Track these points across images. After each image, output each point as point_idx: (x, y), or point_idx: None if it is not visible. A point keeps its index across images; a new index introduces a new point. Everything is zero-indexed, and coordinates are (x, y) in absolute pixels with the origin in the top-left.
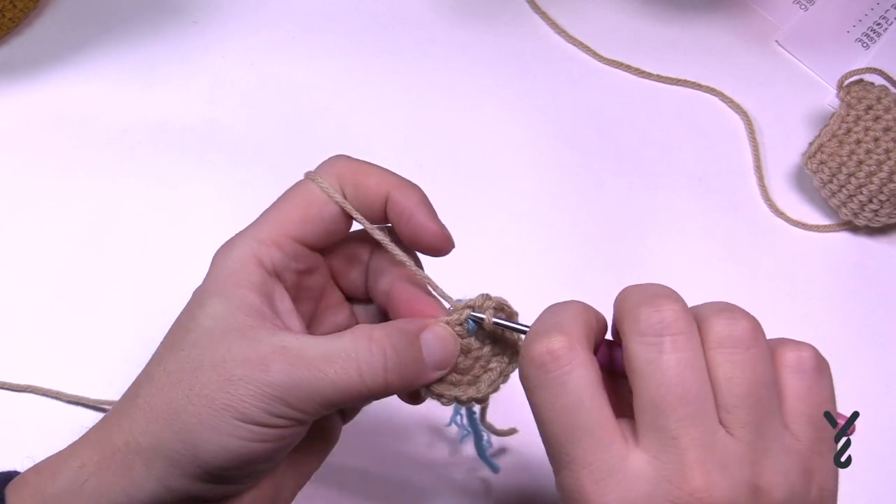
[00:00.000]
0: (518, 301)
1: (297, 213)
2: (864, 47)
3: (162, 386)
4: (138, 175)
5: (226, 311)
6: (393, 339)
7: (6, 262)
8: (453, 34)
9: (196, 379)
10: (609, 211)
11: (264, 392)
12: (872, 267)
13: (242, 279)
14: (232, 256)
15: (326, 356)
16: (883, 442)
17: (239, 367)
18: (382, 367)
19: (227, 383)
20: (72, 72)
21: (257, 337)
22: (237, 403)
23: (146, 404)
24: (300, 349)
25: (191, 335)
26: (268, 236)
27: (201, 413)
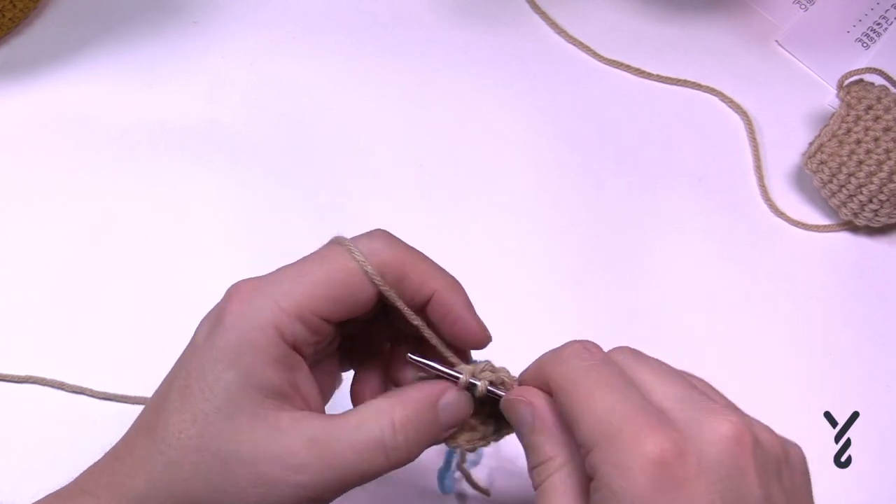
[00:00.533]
0: (518, 301)
1: (329, 291)
2: (864, 47)
3: (185, 476)
4: (138, 175)
5: (246, 392)
6: (414, 417)
7: (6, 261)
8: (453, 34)
9: (224, 476)
10: (609, 211)
11: (298, 494)
12: (872, 267)
13: (264, 354)
14: (251, 323)
15: (354, 447)
16: (883, 442)
17: (272, 467)
18: (406, 448)
19: (261, 484)
20: (72, 72)
21: (282, 426)
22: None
23: (166, 492)
24: (328, 441)
25: (210, 418)
26: (293, 307)
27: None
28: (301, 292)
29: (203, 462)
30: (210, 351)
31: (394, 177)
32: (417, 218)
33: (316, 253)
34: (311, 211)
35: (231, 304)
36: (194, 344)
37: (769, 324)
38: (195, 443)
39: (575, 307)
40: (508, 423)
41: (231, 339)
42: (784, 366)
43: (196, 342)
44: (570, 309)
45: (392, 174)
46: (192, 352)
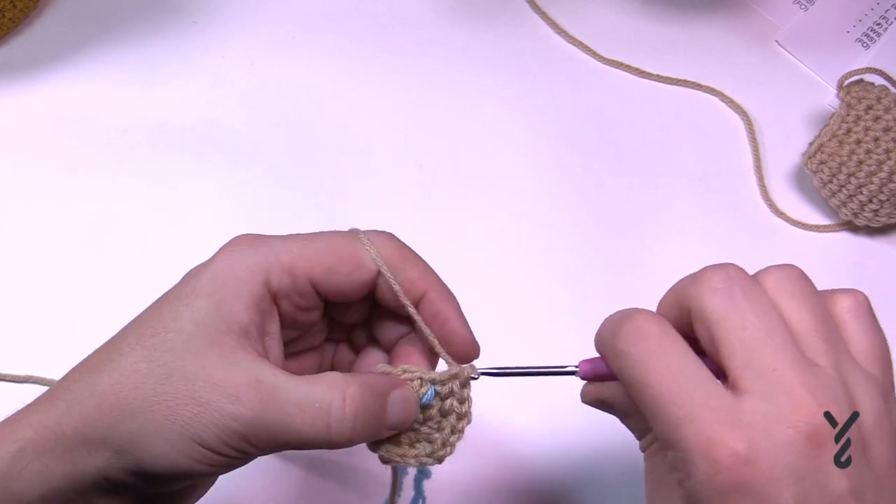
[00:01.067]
0: (518, 301)
1: (328, 258)
2: (864, 47)
3: (125, 382)
4: (138, 175)
5: (211, 320)
6: (366, 398)
7: (6, 261)
8: (453, 34)
9: (163, 387)
10: (609, 211)
11: (228, 424)
12: (872, 267)
13: (243, 289)
14: (242, 259)
15: (298, 403)
16: None
17: (210, 391)
18: (351, 426)
19: (195, 403)
20: (72, 72)
21: (235, 360)
22: (198, 426)
23: (103, 394)
24: (274, 388)
25: (168, 335)
26: (288, 260)
27: (159, 422)
28: (300, 251)
29: (148, 372)
30: (190, 282)
31: (394, 177)
32: (417, 217)
33: (326, 231)
34: (311, 211)
35: (230, 244)
36: (182, 279)
37: None
38: (147, 353)
39: (575, 307)
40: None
41: (216, 269)
42: None
43: (184, 279)
44: (569, 308)
45: (392, 174)
46: (176, 284)
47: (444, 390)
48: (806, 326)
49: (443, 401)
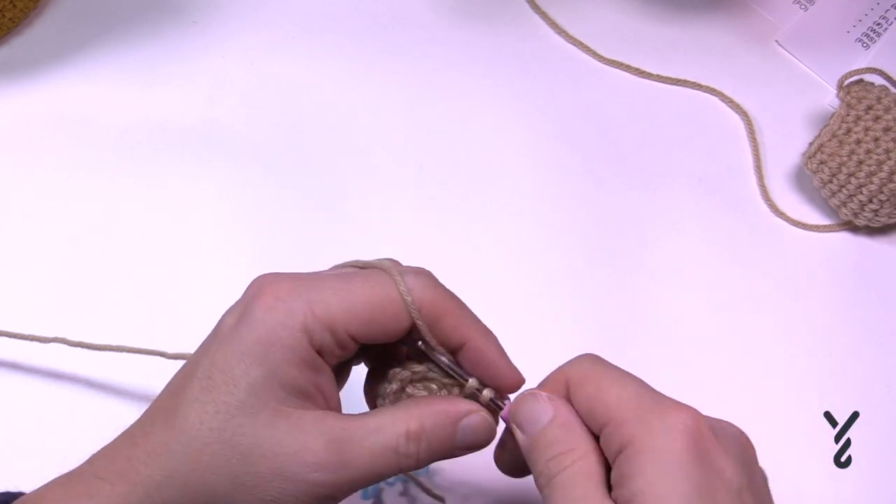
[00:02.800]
0: (518, 301)
1: (366, 312)
2: (864, 47)
3: (203, 466)
4: (138, 175)
5: (272, 389)
6: (429, 430)
7: (6, 261)
8: (453, 34)
9: (244, 468)
10: (609, 211)
11: (316, 492)
12: (872, 267)
13: (292, 354)
14: (282, 321)
15: (371, 450)
16: (883, 442)
17: (292, 463)
18: (416, 460)
19: (280, 479)
20: (72, 72)
21: (306, 425)
22: (287, 499)
23: (184, 480)
24: (349, 443)
25: (232, 410)
26: (326, 317)
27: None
28: (337, 305)
29: (223, 454)
30: (237, 343)
31: (394, 177)
32: (417, 218)
33: (361, 272)
34: (311, 211)
35: (264, 298)
36: (219, 333)
37: (769, 324)
38: (217, 434)
39: (575, 307)
40: None
41: (261, 333)
42: (784, 366)
43: (221, 332)
44: (570, 308)
45: (392, 174)
46: (217, 341)
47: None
48: None
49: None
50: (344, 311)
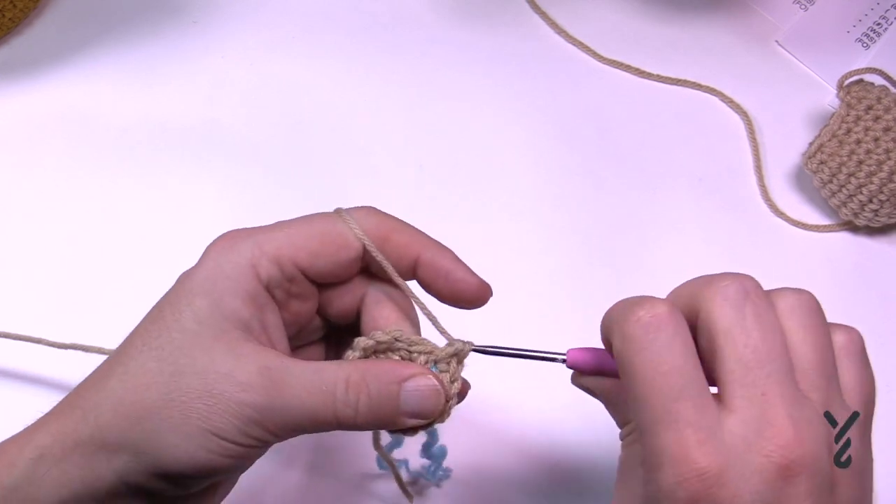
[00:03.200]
0: (518, 300)
1: (312, 242)
2: (864, 47)
3: (137, 383)
4: (138, 175)
5: (213, 318)
6: (370, 386)
7: (6, 261)
8: (453, 34)
9: (176, 384)
10: (609, 211)
11: (243, 412)
12: (872, 267)
13: (237, 286)
14: (230, 258)
15: (307, 387)
16: (883, 442)
17: (222, 382)
18: (354, 411)
19: (208, 395)
20: (72, 72)
21: (242, 351)
22: (214, 417)
23: (117, 398)
24: (283, 373)
25: (173, 335)
26: (272, 251)
27: (175, 419)
28: (283, 239)
29: (158, 371)
30: (187, 282)
31: (394, 176)
32: (417, 218)
33: (307, 214)
34: (311, 211)
35: (217, 242)
36: (177, 280)
37: None
38: (155, 353)
39: (575, 307)
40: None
41: (209, 269)
42: None
43: (178, 280)
44: (570, 308)
45: (392, 174)
46: (173, 286)
47: (442, 369)
48: (808, 358)
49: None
50: (290, 244)
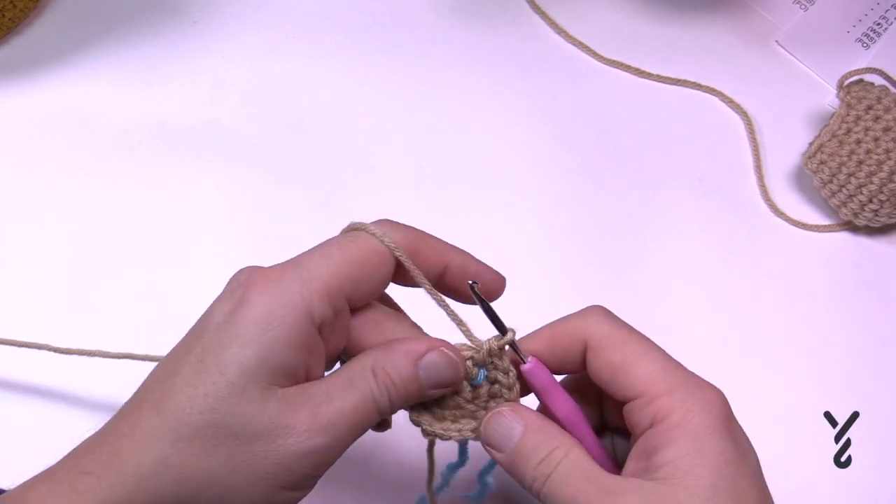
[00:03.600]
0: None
1: (354, 270)
2: (864, 47)
3: (197, 452)
4: (138, 175)
5: (261, 368)
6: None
7: (6, 261)
8: (453, 34)
9: (238, 451)
10: (609, 211)
11: (312, 460)
12: (872, 267)
13: (289, 335)
14: (280, 301)
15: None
16: (883, 442)
17: (283, 437)
18: (388, 401)
19: (273, 455)
20: (72, 72)
21: (290, 399)
22: (283, 473)
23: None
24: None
25: (221, 391)
26: (320, 287)
27: (241, 484)
28: (326, 272)
29: (216, 438)
30: (231, 326)
31: (394, 176)
32: (417, 218)
33: (333, 239)
34: (311, 211)
35: (256, 283)
36: (210, 321)
37: (769, 324)
38: (207, 418)
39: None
40: None
41: (257, 314)
42: (784, 366)
43: (213, 319)
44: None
45: (392, 174)
46: (208, 328)
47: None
48: None
49: (491, 384)
50: (334, 276)
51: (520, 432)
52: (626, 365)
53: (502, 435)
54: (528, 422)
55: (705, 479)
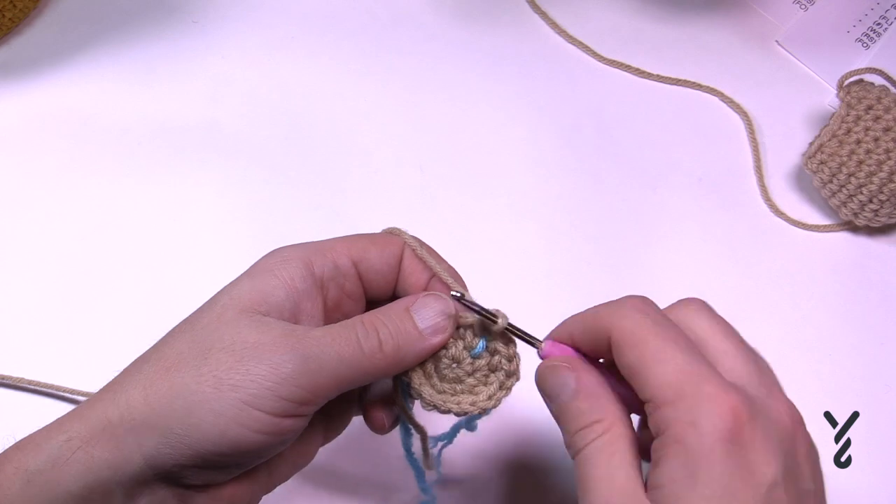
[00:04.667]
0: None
1: (362, 241)
2: (864, 47)
3: (169, 365)
4: (138, 174)
5: (246, 296)
6: (382, 314)
7: (6, 261)
8: (453, 34)
9: (205, 360)
10: (609, 211)
11: (276, 373)
12: (872, 267)
13: (280, 272)
14: (281, 254)
15: (328, 333)
16: (883, 442)
17: (250, 350)
18: (377, 339)
19: (239, 364)
20: (72, 72)
21: (267, 323)
22: (247, 385)
23: (148, 380)
24: (305, 332)
25: (203, 318)
26: (327, 249)
27: (207, 393)
28: (332, 241)
29: (188, 351)
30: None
31: (394, 176)
32: (418, 217)
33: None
34: (311, 210)
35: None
36: None
37: (769, 323)
38: (188, 336)
39: (575, 307)
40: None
41: (258, 264)
42: (784, 366)
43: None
44: (569, 309)
45: (392, 173)
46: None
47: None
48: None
49: (491, 356)
50: (344, 245)
51: (571, 392)
52: (640, 366)
53: (554, 387)
54: (580, 383)
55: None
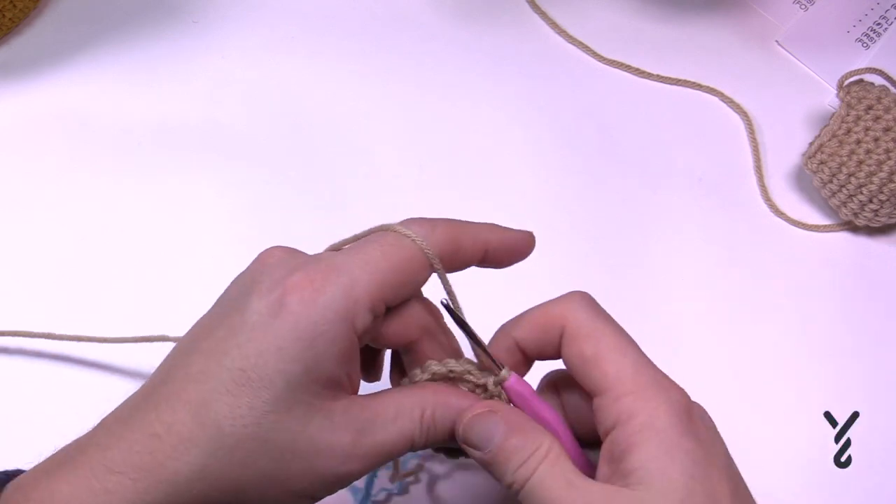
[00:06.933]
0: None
1: (395, 277)
2: (864, 47)
3: (236, 462)
4: (138, 175)
5: (307, 384)
6: (437, 421)
7: (6, 261)
8: (453, 34)
9: (278, 467)
10: (609, 211)
11: (342, 482)
12: (872, 267)
13: (333, 349)
14: (322, 310)
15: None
16: (883, 442)
17: (323, 459)
18: (426, 441)
19: (311, 474)
20: (72, 72)
21: (335, 419)
22: (313, 489)
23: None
24: (373, 432)
25: (266, 405)
26: (365, 296)
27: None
28: (369, 280)
29: (256, 451)
30: (273, 337)
31: (394, 176)
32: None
33: (369, 240)
34: (311, 211)
35: (297, 287)
36: (245, 321)
37: (769, 324)
38: (251, 431)
39: None
40: None
41: (301, 326)
42: (784, 366)
43: (248, 320)
44: None
45: (392, 173)
46: (243, 328)
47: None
48: None
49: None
50: (377, 285)
51: (503, 431)
52: (597, 358)
53: (481, 436)
54: (508, 423)
55: (678, 481)
